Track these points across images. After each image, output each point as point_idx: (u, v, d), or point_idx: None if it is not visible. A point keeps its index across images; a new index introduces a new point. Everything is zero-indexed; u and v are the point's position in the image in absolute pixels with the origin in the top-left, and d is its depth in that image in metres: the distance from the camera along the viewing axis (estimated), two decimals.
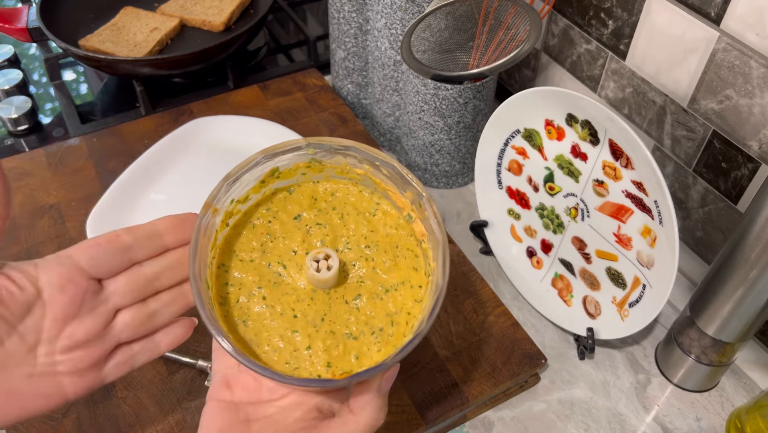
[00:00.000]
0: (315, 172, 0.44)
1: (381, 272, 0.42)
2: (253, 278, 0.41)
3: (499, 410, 0.57)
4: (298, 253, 0.42)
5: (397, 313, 0.41)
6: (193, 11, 0.91)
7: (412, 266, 0.42)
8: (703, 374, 0.57)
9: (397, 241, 0.43)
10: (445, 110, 0.68)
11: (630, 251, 0.55)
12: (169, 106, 0.84)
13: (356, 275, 0.42)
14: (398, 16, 0.66)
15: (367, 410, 0.38)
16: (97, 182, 0.71)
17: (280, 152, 0.41)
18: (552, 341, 0.62)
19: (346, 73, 0.80)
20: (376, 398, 0.38)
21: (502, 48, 0.54)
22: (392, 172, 0.42)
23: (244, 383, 0.39)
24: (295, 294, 0.40)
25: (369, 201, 0.44)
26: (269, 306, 0.40)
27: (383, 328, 0.40)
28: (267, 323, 0.39)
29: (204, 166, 0.72)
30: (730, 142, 0.58)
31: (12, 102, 0.82)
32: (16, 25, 0.82)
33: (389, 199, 0.44)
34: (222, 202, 0.40)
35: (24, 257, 0.63)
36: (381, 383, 0.39)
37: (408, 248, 0.43)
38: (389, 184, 0.43)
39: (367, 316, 0.40)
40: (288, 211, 0.43)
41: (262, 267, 0.41)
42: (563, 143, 0.58)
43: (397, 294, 0.41)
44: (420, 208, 0.41)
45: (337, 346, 0.39)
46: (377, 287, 0.41)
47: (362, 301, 0.41)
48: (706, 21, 0.56)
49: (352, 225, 0.43)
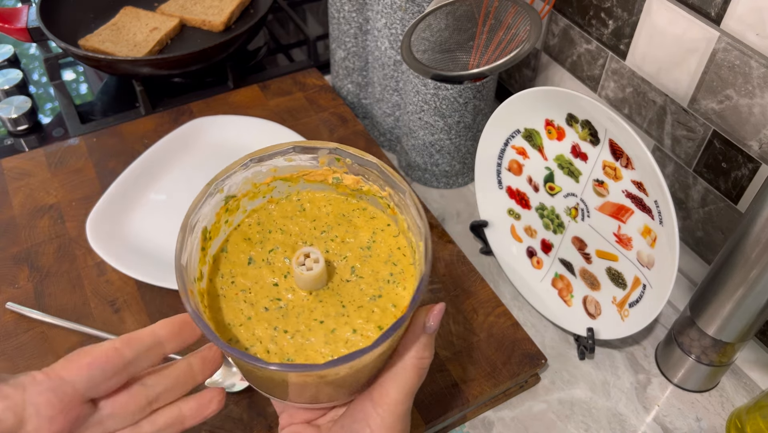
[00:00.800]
0: (233, 213, 0.43)
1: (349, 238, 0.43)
2: (263, 325, 0.40)
3: (499, 410, 0.57)
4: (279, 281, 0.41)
5: (391, 255, 0.42)
6: (193, 11, 0.91)
7: (368, 217, 0.44)
8: (703, 374, 0.57)
9: (339, 210, 0.44)
10: (445, 110, 0.68)
11: (630, 251, 0.55)
12: (169, 106, 0.84)
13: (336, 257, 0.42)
14: (398, 16, 0.66)
15: (413, 349, 0.39)
16: (97, 182, 0.71)
17: (198, 208, 0.41)
18: (552, 341, 0.62)
19: (346, 73, 0.80)
20: (423, 336, 0.39)
21: (502, 48, 0.54)
22: (296, 155, 0.43)
23: (304, 412, 0.43)
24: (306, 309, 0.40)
25: (289, 204, 0.45)
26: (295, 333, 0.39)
27: (392, 272, 0.42)
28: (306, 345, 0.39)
29: (204, 166, 0.72)
30: (731, 142, 0.58)
31: (12, 102, 0.82)
32: (16, 25, 0.82)
33: (306, 187, 0.45)
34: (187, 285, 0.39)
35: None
36: (427, 322, 0.39)
37: (352, 209, 0.44)
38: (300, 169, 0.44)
39: (372, 274, 0.41)
40: (237, 264, 0.42)
41: (261, 314, 0.40)
42: (563, 143, 0.58)
43: (377, 244, 0.43)
44: (339, 162, 0.43)
45: (372, 312, 0.40)
46: (358, 251, 0.43)
47: (358, 269, 0.42)
48: (707, 21, 0.56)
49: (294, 229, 0.44)
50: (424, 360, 0.39)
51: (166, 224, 0.66)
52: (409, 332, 0.39)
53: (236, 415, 0.52)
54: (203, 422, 0.52)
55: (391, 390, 0.39)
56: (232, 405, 0.53)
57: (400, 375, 0.39)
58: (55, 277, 0.62)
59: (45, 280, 0.61)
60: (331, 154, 0.42)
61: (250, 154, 0.42)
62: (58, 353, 0.56)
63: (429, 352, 0.39)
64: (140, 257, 0.62)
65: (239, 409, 0.53)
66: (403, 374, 0.39)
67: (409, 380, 0.39)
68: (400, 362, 0.39)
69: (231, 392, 0.54)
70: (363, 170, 0.43)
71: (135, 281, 0.61)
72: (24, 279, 0.61)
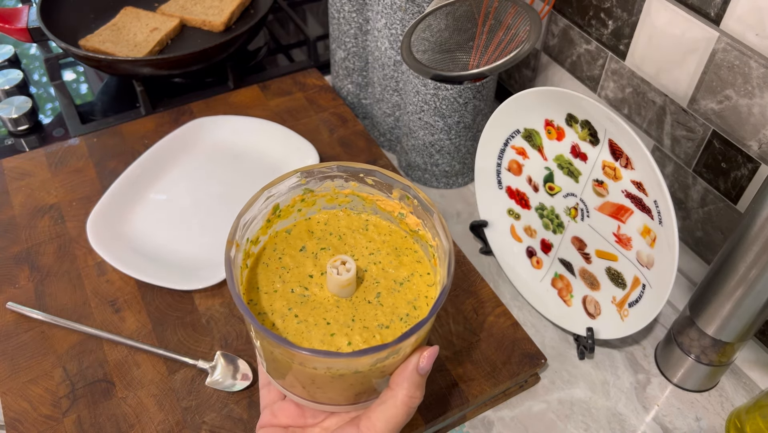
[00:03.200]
0: (308, 206, 0.48)
1: (390, 269, 0.46)
2: (282, 302, 0.44)
3: (499, 410, 0.57)
4: (314, 275, 0.45)
5: (416, 299, 0.45)
6: (193, 11, 0.91)
7: (414, 259, 0.47)
8: (702, 374, 0.57)
9: (394, 244, 0.48)
10: (445, 110, 0.68)
11: (630, 251, 0.55)
12: (169, 106, 0.84)
13: (370, 279, 0.46)
14: (398, 16, 0.66)
15: (405, 385, 0.40)
16: (97, 182, 0.71)
17: (277, 183, 0.45)
18: (552, 341, 0.62)
19: (346, 73, 0.80)
20: (415, 375, 0.41)
21: (502, 48, 0.54)
22: (376, 179, 0.47)
23: (288, 412, 0.45)
24: (322, 306, 0.44)
25: (358, 219, 0.49)
26: (303, 321, 0.43)
27: (408, 313, 0.44)
28: (306, 334, 0.42)
29: (204, 166, 0.72)
30: (730, 142, 0.58)
31: (12, 102, 0.82)
32: (16, 25, 0.82)
33: (377, 213, 0.49)
34: (241, 239, 0.44)
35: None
36: (420, 361, 0.41)
37: (406, 247, 0.48)
38: (376, 194, 0.48)
39: (391, 307, 0.44)
40: (292, 246, 0.47)
41: (286, 293, 0.44)
42: (563, 143, 0.58)
43: (410, 284, 0.46)
44: (409, 200, 0.46)
45: (373, 336, 0.42)
46: (391, 283, 0.46)
47: (382, 297, 0.45)
48: (706, 21, 0.56)
49: (351, 241, 0.48)
50: (414, 399, 0.41)
51: (166, 224, 0.66)
52: (403, 369, 0.41)
53: (236, 415, 0.52)
54: (203, 421, 0.52)
55: (378, 423, 0.40)
56: (232, 405, 0.53)
57: (389, 409, 0.40)
58: (56, 277, 0.62)
59: (45, 280, 0.61)
60: (404, 191, 0.46)
61: (340, 162, 0.47)
62: (58, 352, 0.56)
63: (420, 392, 0.41)
64: (140, 257, 0.62)
65: (239, 409, 0.53)
66: (392, 409, 0.40)
67: (398, 416, 0.40)
68: (391, 397, 0.40)
69: (231, 391, 0.54)
70: (424, 215, 0.46)
71: (135, 281, 0.61)
72: (24, 279, 0.61)
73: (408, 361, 0.41)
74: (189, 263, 0.62)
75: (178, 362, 0.56)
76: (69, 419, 0.52)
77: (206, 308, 0.60)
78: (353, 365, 0.38)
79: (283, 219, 0.48)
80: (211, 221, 0.67)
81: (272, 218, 0.47)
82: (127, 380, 0.54)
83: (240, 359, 0.56)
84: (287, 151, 0.73)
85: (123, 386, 0.54)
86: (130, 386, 0.54)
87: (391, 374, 0.41)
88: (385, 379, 0.41)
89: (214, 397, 0.54)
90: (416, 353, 0.41)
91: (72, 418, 0.52)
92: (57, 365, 0.55)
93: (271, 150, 0.74)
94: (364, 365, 0.39)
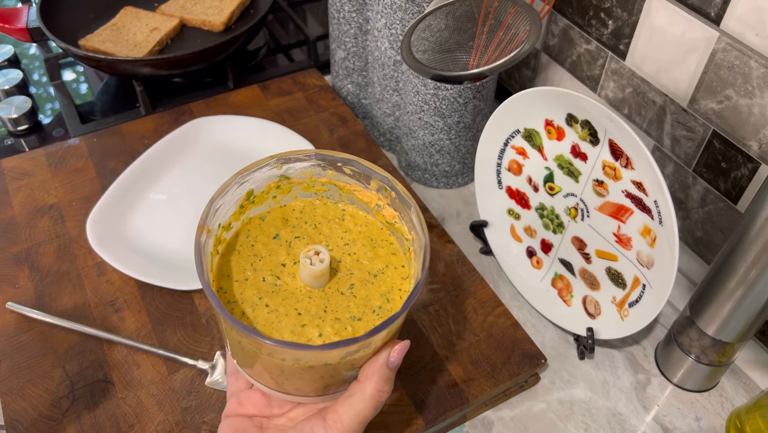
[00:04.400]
0: (284, 193, 0.48)
1: (365, 261, 0.46)
2: (253, 291, 0.43)
3: (499, 410, 0.57)
4: (287, 264, 0.45)
5: (390, 291, 0.44)
6: (193, 11, 0.91)
7: (390, 252, 0.47)
8: (702, 374, 0.57)
9: (370, 235, 0.47)
10: (445, 110, 0.68)
11: (630, 251, 0.55)
12: (169, 106, 0.84)
13: (344, 270, 0.45)
14: (398, 16, 0.66)
15: (374, 379, 0.40)
16: (97, 182, 0.71)
17: (253, 171, 0.45)
18: (552, 341, 0.62)
19: (346, 73, 0.80)
20: (385, 369, 0.40)
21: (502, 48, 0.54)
22: (354, 169, 0.46)
23: (254, 401, 0.44)
24: (294, 297, 0.43)
25: (334, 209, 0.48)
26: (273, 311, 0.42)
27: (381, 306, 0.43)
28: (276, 325, 0.41)
29: (204, 166, 0.72)
30: (730, 142, 0.58)
31: (12, 102, 0.82)
32: (16, 25, 0.82)
33: (354, 203, 0.48)
34: (212, 224, 0.43)
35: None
36: (391, 355, 0.40)
37: (382, 238, 0.47)
38: (353, 184, 0.47)
39: (364, 299, 0.44)
40: (266, 234, 0.46)
41: (258, 282, 0.43)
42: (563, 143, 0.58)
43: (384, 276, 0.45)
44: (387, 192, 0.46)
45: (345, 328, 0.42)
46: (365, 274, 0.45)
47: (355, 288, 0.44)
48: (706, 21, 0.56)
49: (326, 231, 0.47)
50: (383, 393, 0.40)
51: (166, 224, 0.66)
52: (373, 363, 0.40)
53: None
54: (203, 421, 0.52)
55: (345, 416, 0.40)
56: None
57: (357, 403, 0.40)
58: (55, 277, 0.62)
59: (45, 280, 0.61)
60: (382, 182, 0.45)
61: (319, 150, 0.46)
62: (57, 352, 0.56)
63: (389, 387, 0.41)
64: (140, 257, 0.62)
65: None
66: (360, 403, 0.40)
67: (365, 410, 0.40)
68: (359, 390, 0.40)
69: None
70: (402, 208, 0.45)
71: (135, 281, 0.61)
72: (24, 279, 0.61)
73: (378, 355, 0.40)
74: (189, 263, 0.62)
75: (178, 362, 0.56)
76: (69, 419, 0.52)
77: (206, 308, 0.60)
78: (323, 358, 0.38)
79: (258, 205, 0.47)
80: None
81: (246, 204, 0.46)
82: (127, 380, 0.54)
83: None
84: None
85: (123, 386, 0.54)
86: (130, 386, 0.54)
87: (360, 367, 0.41)
88: (354, 371, 0.41)
89: (214, 397, 0.54)
90: (387, 346, 0.40)
91: (71, 418, 0.52)
92: (57, 365, 0.55)
93: (271, 150, 0.73)
94: (334, 357, 0.38)
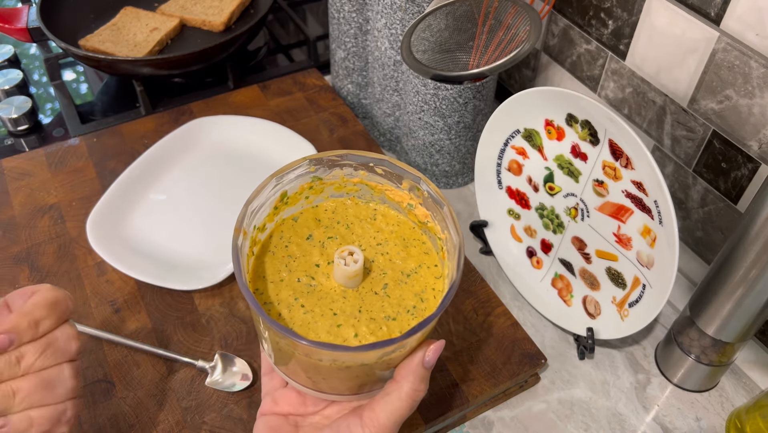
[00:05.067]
0: (316, 193, 0.48)
1: (398, 261, 0.46)
2: (288, 292, 0.43)
3: (499, 410, 0.57)
4: (321, 264, 0.45)
5: (424, 291, 0.45)
6: (193, 11, 0.91)
7: (422, 251, 0.47)
8: (703, 374, 0.57)
9: (402, 234, 0.47)
10: (445, 110, 0.68)
11: (630, 251, 0.55)
12: (169, 106, 0.84)
13: (377, 269, 0.45)
14: (398, 16, 0.66)
15: (410, 378, 0.40)
16: (97, 182, 0.71)
17: (287, 172, 0.45)
18: (552, 341, 0.62)
19: (346, 73, 0.80)
20: (420, 368, 0.40)
21: (502, 48, 0.54)
22: (386, 169, 0.46)
23: (289, 400, 0.45)
24: (329, 297, 0.44)
25: (366, 208, 0.49)
26: (309, 311, 0.43)
27: (416, 305, 0.44)
28: (312, 325, 0.42)
29: (204, 166, 0.72)
30: (730, 142, 0.58)
31: (12, 102, 0.82)
32: (16, 25, 0.82)
33: (385, 202, 0.48)
34: (248, 226, 0.43)
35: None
36: (426, 354, 0.40)
37: (414, 238, 0.47)
38: (385, 183, 0.47)
39: (398, 298, 0.44)
40: (299, 234, 0.47)
41: (293, 282, 0.44)
42: (563, 143, 0.58)
43: (418, 276, 0.45)
44: (419, 192, 0.46)
45: (380, 328, 0.42)
46: (399, 274, 0.45)
47: (389, 288, 0.44)
48: (706, 21, 0.56)
49: (358, 230, 0.47)
50: (419, 392, 0.41)
51: (166, 224, 0.66)
52: (409, 362, 0.40)
53: (236, 415, 0.52)
54: (203, 421, 0.52)
55: (382, 414, 0.40)
56: (232, 405, 0.53)
57: (393, 402, 0.40)
58: (56, 277, 0.62)
59: (45, 280, 0.61)
60: (414, 182, 0.46)
61: (351, 151, 0.46)
62: None
63: (425, 385, 0.41)
64: (140, 257, 0.62)
65: (239, 409, 0.53)
66: (397, 401, 0.40)
67: (401, 409, 0.40)
68: (395, 389, 0.40)
69: (231, 391, 0.54)
70: (434, 207, 0.45)
71: (135, 281, 0.61)
72: (24, 279, 0.61)
73: (414, 354, 0.40)
74: (189, 263, 0.62)
75: (178, 362, 0.56)
76: None
77: (206, 308, 0.60)
78: (360, 359, 0.38)
79: (291, 206, 0.47)
80: (210, 221, 0.66)
81: (279, 205, 0.46)
82: (127, 380, 0.54)
83: (240, 359, 0.56)
84: (287, 151, 0.73)
85: (123, 386, 0.54)
86: (130, 386, 0.54)
87: (396, 366, 0.41)
88: (390, 370, 0.41)
89: (214, 397, 0.54)
90: (422, 346, 0.41)
91: None
92: None
93: (271, 150, 0.74)
94: (371, 358, 0.38)
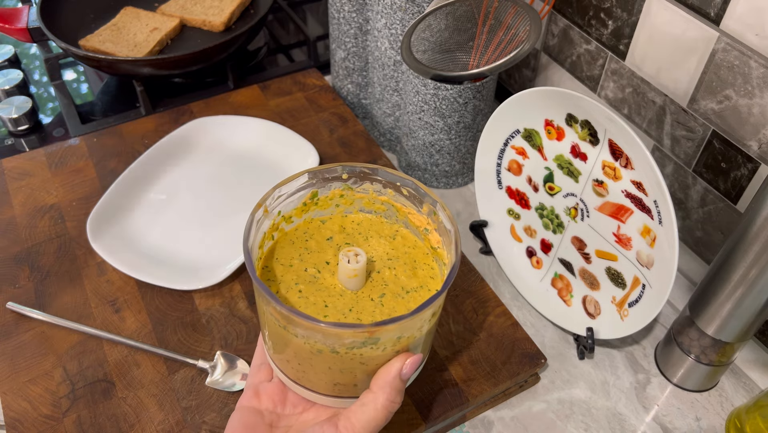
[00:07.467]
0: (347, 203, 0.50)
1: (403, 277, 0.47)
2: (292, 276, 0.46)
3: (498, 410, 0.57)
4: (331, 262, 0.47)
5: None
6: (193, 11, 0.91)
7: (429, 275, 0.48)
8: (702, 373, 0.57)
9: (415, 257, 0.49)
10: (445, 110, 0.68)
11: (630, 250, 0.55)
12: (169, 106, 0.84)
13: (380, 280, 0.47)
14: (398, 16, 0.66)
15: (387, 389, 0.41)
16: (97, 182, 0.71)
17: (321, 171, 0.48)
18: (552, 341, 0.62)
19: (346, 73, 0.80)
20: (397, 381, 0.41)
21: (502, 48, 0.54)
22: (410, 191, 0.48)
23: (271, 394, 0.45)
24: (326, 291, 0.45)
25: (389, 228, 0.50)
26: (304, 297, 0.45)
27: None
28: (302, 307, 0.44)
29: (204, 166, 0.72)
30: (730, 142, 0.58)
31: (12, 102, 0.82)
32: (16, 25, 0.82)
33: (408, 227, 0.50)
34: (271, 207, 0.45)
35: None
36: (403, 367, 0.41)
37: (425, 262, 0.49)
38: (409, 207, 0.49)
39: (391, 309, 0.45)
40: (321, 234, 0.49)
41: (300, 270, 0.46)
42: (563, 143, 0.58)
43: (417, 295, 0.46)
44: (435, 216, 0.47)
45: None
46: (399, 289, 0.46)
47: (385, 298, 0.45)
48: (706, 21, 0.56)
49: (375, 244, 0.49)
50: (394, 404, 0.41)
51: (166, 224, 0.66)
52: (386, 373, 0.41)
53: None
54: (203, 421, 0.52)
55: (357, 424, 0.40)
56: (232, 405, 0.53)
57: (369, 412, 0.41)
58: (56, 277, 0.62)
59: (45, 280, 0.61)
60: (432, 206, 0.47)
61: (383, 167, 0.48)
62: (58, 352, 0.56)
63: (400, 397, 0.42)
64: (140, 257, 0.62)
65: None
66: (372, 412, 0.41)
67: (377, 419, 0.41)
68: (372, 400, 0.41)
69: (231, 391, 0.54)
70: (445, 233, 0.46)
71: (135, 281, 0.61)
72: (24, 279, 0.61)
73: (391, 365, 0.41)
74: (189, 263, 0.62)
75: (178, 361, 0.56)
76: (69, 419, 0.52)
77: (206, 308, 0.60)
78: (330, 339, 0.39)
79: (321, 209, 0.50)
80: (211, 221, 0.67)
81: (309, 203, 0.49)
82: (127, 380, 0.54)
83: (240, 359, 0.56)
84: (287, 151, 0.73)
85: (123, 386, 0.54)
86: (130, 386, 0.54)
87: (372, 375, 0.42)
88: (366, 379, 0.42)
89: (214, 397, 0.54)
90: (401, 357, 0.41)
91: (72, 418, 0.52)
92: (57, 365, 0.55)
93: (271, 150, 0.74)
94: (341, 344, 0.39)
